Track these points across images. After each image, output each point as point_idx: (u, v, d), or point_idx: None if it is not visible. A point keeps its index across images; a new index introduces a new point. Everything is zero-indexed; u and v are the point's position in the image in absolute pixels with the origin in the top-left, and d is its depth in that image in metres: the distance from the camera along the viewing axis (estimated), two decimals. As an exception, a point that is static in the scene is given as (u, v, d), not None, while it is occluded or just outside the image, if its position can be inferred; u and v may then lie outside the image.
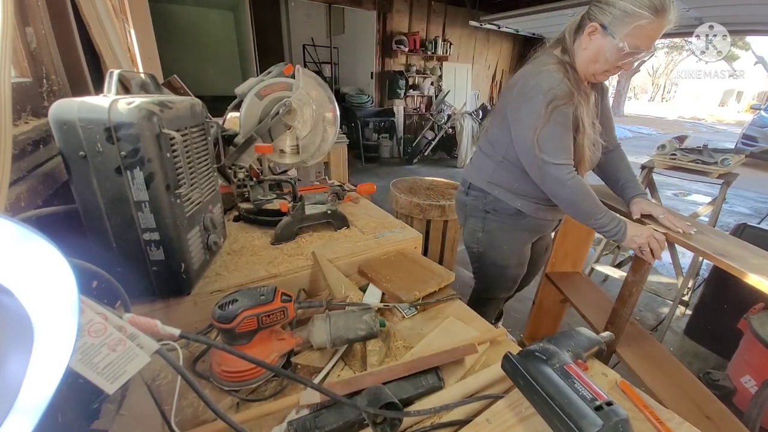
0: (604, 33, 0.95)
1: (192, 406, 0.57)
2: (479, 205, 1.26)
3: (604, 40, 0.95)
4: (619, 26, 0.92)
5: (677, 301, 2.07)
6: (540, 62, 1.06)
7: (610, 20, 0.93)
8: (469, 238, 1.35)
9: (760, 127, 6.93)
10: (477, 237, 1.31)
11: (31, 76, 0.79)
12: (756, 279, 0.85)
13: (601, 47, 0.97)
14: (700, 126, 14.69)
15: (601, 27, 0.95)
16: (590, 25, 0.97)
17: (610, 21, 0.93)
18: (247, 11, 5.50)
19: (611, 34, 0.93)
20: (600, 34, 0.96)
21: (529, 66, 1.09)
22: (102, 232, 0.62)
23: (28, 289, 0.25)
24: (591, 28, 0.97)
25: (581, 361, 0.56)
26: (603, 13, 0.95)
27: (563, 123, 1.01)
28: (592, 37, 0.98)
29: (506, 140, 1.13)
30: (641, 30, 0.90)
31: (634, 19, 0.90)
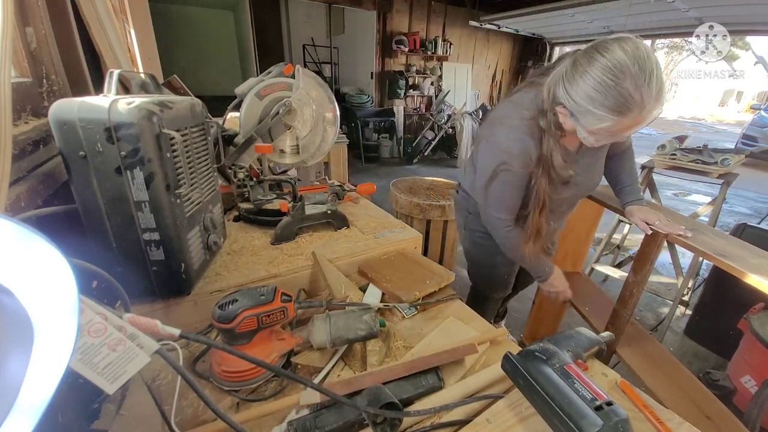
0: (572, 120, 0.83)
1: (192, 406, 0.57)
2: (464, 204, 1.30)
3: (576, 126, 0.84)
4: (585, 120, 0.80)
5: (677, 301, 2.07)
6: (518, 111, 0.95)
7: (574, 109, 0.80)
8: (458, 232, 1.41)
9: (760, 127, 6.92)
10: (462, 233, 1.36)
11: (31, 76, 0.79)
12: (756, 279, 0.85)
13: (575, 129, 0.85)
14: (700, 126, 14.69)
15: (568, 113, 0.83)
16: (559, 109, 0.84)
17: (575, 110, 0.80)
18: (247, 11, 5.50)
19: (579, 125, 0.82)
20: (569, 119, 0.84)
21: (509, 107, 0.99)
22: (102, 232, 0.62)
23: (28, 289, 0.25)
24: (561, 111, 0.84)
25: (581, 361, 0.56)
26: (566, 98, 0.81)
27: (510, 185, 0.98)
28: (564, 118, 0.85)
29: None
30: (609, 128, 0.78)
31: (596, 120, 0.78)
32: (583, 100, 0.77)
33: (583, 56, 0.78)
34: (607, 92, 0.73)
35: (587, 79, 0.75)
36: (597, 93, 0.74)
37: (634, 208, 1.16)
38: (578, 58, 0.79)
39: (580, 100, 0.78)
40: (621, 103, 0.73)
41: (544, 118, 0.89)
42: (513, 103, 0.99)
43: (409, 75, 6.39)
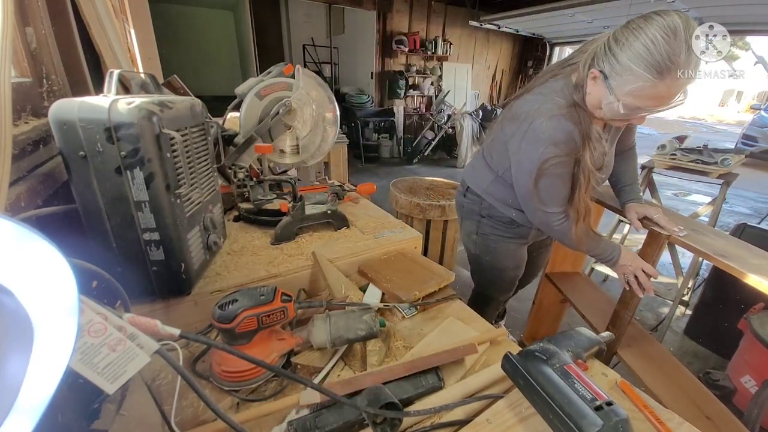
0: (604, 83, 0.83)
1: (192, 406, 0.57)
2: (475, 209, 1.26)
3: (603, 89, 0.84)
4: (618, 82, 0.80)
5: (677, 301, 2.07)
6: (552, 99, 0.93)
7: (609, 71, 0.81)
8: (465, 239, 1.36)
9: (760, 127, 6.93)
10: (472, 239, 1.31)
11: (31, 76, 0.79)
12: (756, 279, 0.84)
13: (601, 95, 0.86)
14: (700, 126, 14.69)
15: (602, 75, 0.83)
16: (592, 71, 0.85)
17: (610, 72, 0.81)
18: (247, 11, 5.50)
19: (609, 88, 0.82)
20: (601, 83, 0.84)
21: (539, 98, 0.95)
22: (102, 232, 0.62)
23: (28, 289, 0.25)
24: (593, 73, 0.85)
25: (581, 361, 0.56)
26: (606, 60, 0.82)
27: (561, 175, 0.96)
28: (594, 82, 0.86)
29: (505, 164, 1.08)
30: (641, 91, 0.78)
31: (633, 79, 0.78)
32: (628, 57, 0.77)
33: (640, 18, 0.79)
34: (656, 48, 0.74)
35: (640, 36, 0.76)
36: (645, 49, 0.75)
37: (632, 205, 1.17)
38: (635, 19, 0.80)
39: (625, 58, 0.78)
40: (664, 61, 0.74)
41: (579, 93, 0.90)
42: (542, 94, 0.96)
43: (409, 75, 6.40)
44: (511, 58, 7.74)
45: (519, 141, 0.97)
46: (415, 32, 6.15)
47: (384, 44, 6.10)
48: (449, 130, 6.27)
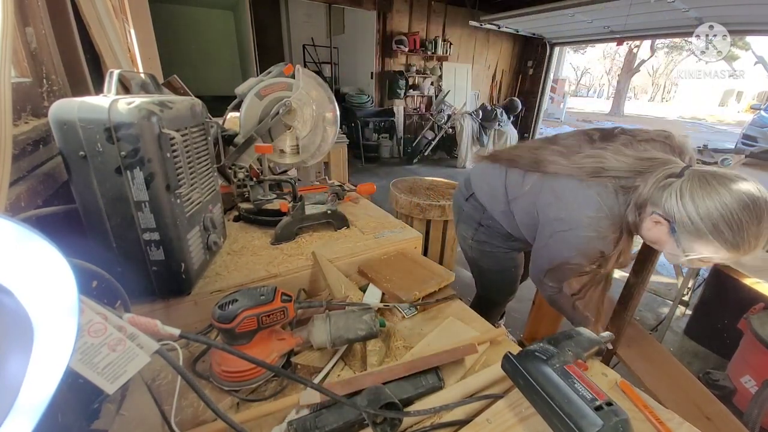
0: (671, 235, 0.76)
1: (192, 406, 0.57)
2: (475, 216, 1.24)
3: (668, 239, 0.78)
4: (687, 241, 0.74)
5: (677, 301, 2.07)
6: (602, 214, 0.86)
7: (678, 225, 0.74)
8: (461, 241, 1.35)
9: (760, 127, 6.93)
10: (468, 243, 1.31)
11: (31, 76, 0.79)
12: (756, 279, 0.84)
13: (663, 242, 0.80)
14: (700, 126, 14.69)
15: (669, 227, 0.76)
16: (655, 216, 0.78)
17: (680, 228, 0.74)
18: (247, 11, 5.50)
19: (677, 241, 0.76)
20: (664, 229, 0.77)
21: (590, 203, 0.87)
22: (102, 232, 0.62)
23: (28, 289, 0.25)
24: (656, 218, 0.78)
25: (581, 361, 0.56)
26: (676, 210, 0.73)
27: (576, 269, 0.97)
28: (655, 226, 0.79)
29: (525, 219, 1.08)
30: (711, 255, 0.73)
31: (704, 246, 0.72)
32: (704, 222, 0.70)
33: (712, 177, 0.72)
34: (734, 227, 0.68)
35: (716, 203, 0.69)
36: (723, 222, 0.69)
37: None
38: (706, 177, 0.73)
39: (698, 220, 0.71)
40: (737, 243, 0.69)
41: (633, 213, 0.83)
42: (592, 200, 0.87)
43: (409, 75, 6.39)
44: (511, 58, 7.74)
45: (552, 231, 0.95)
46: (415, 32, 6.15)
47: (384, 44, 6.10)
48: (449, 130, 6.27)
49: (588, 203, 0.88)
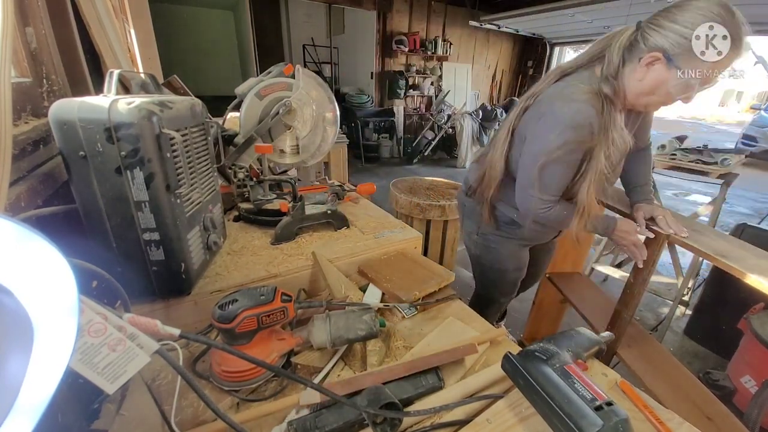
0: (667, 65, 0.80)
1: (192, 406, 0.57)
2: (478, 209, 1.24)
3: (667, 74, 0.81)
4: (687, 60, 0.77)
5: (677, 301, 2.07)
6: (574, 85, 0.92)
7: (674, 50, 0.78)
8: (466, 238, 1.36)
9: (760, 127, 6.93)
10: (473, 239, 1.31)
11: (31, 76, 0.79)
12: (756, 279, 0.85)
13: (662, 80, 0.82)
14: (700, 126, 14.69)
15: (664, 57, 0.80)
16: (650, 55, 0.82)
17: (675, 51, 0.78)
18: (247, 11, 5.50)
19: (677, 66, 0.79)
20: (662, 66, 0.81)
21: (561, 84, 0.95)
22: (102, 232, 0.62)
23: (28, 289, 0.25)
24: (651, 57, 0.81)
25: (581, 361, 0.56)
26: (665, 38, 0.79)
27: (569, 162, 0.94)
28: (652, 68, 0.83)
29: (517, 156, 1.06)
30: (715, 65, 0.77)
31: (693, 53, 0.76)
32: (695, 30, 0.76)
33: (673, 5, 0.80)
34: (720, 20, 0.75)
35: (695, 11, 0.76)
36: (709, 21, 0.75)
37: (641, 205, 1.15)
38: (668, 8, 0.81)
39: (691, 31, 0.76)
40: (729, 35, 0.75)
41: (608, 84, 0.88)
42: (565, 82, 0.95)
43: (409, 75, 6.40)
44: (511, 58, 7.74)
45: (535, 123, 0.96)
46: (415, 32, 6.15)
47: (384, 44, 6.10)
48: (449, 130, 6.27)
49: (562, 87, 0.94)
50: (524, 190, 1.02)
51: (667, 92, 0.84)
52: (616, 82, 0.88)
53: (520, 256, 1.30)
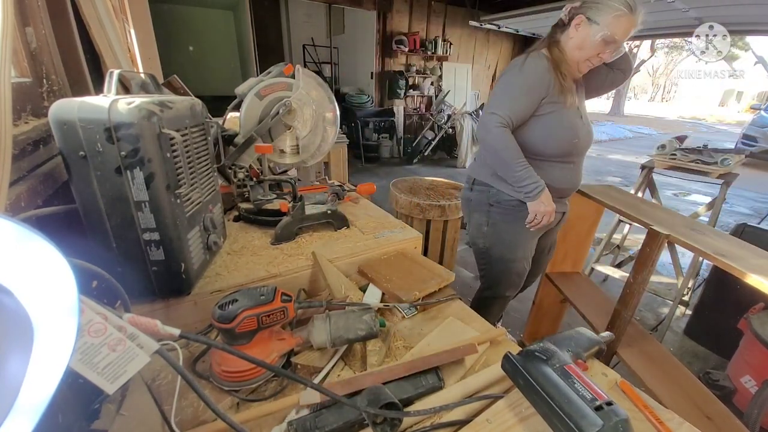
0: (588, 23, 1.12)
1: (192, 406, 0.57)
2: (483, 198, 1.30)
3: (588, 29, 1.12)
4: (601, 16, 1.10)
5: (677, 301, 2.07)
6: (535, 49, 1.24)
7: (593, 12, 1.11)
8: (475, 233, 1.39)
9: (760, 127, 6.93)
10: (483, 231, 1.34)
11: (31, 76, 0.79)
12: (756, 279, 0.85)
13: (586, 35, 1.13)
14: (700, 126, 14.69)
15: (586, 18, 1.12)
16: (577, 17, 1.14)
17: (593, 13, 1.11)
18: (247, 11, 5.50)
19: (595, 22, 1.10)
20: (585, 24, 1.13)
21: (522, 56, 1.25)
22: (102, 232, 0.62)
23: (28, 289, 0.25)
24: (578, 20, 1.14)
25: (581, 361, 0.56)
26: (588, 8, 1.12)
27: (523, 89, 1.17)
28: (578, 27, 1.14)
29: None
30: (618, 21, 1.08)
31: (612, 11, 1.08)
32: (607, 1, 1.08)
33: None
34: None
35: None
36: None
37: None
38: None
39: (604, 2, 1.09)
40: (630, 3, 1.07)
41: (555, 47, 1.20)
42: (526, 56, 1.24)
43: (409, 75, 6.40)
44: (511, 58, 7.73)
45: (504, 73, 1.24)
46: (415, 32, 6.15)
47: (384, 44, 6.10)
48: (449, 130, 6.27)
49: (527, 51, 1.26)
50: (486, 109, 1.23)
51: (590, 44, 1.13)
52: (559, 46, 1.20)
53: (527, 245, 1.33)
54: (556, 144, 1.21)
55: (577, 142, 1.23)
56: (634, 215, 1.20)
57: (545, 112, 1.19)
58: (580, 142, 1.25)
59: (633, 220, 1.21)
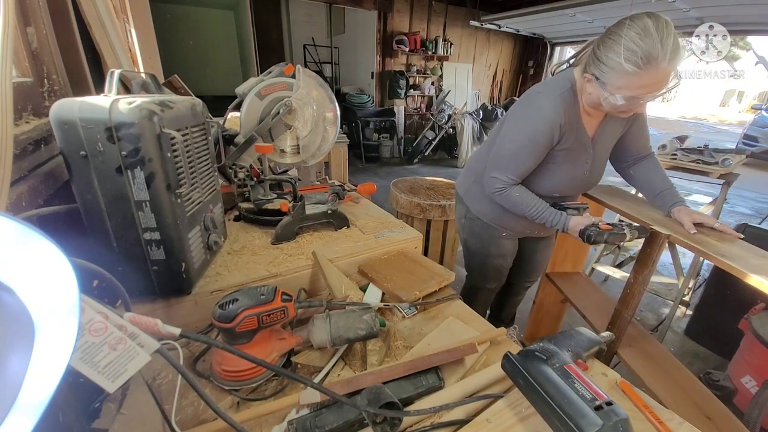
0: (599, 84, 0.94)
1: (192, 405, 0.57)
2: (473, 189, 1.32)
3: (600, 90, 0.95)
4: (610, 80, 0.91)
5: (678, 302, 2.06)
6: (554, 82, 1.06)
7: (600, 74, 0.92)
8: (457, 223, 1.46)
9: (761, 127, 6.91)
10: (461, 223, 1.40)
11: (32, 76, 0.79)
12: (756, 279, 0.84)
13: (599, 95, 0.96)
14: (701, 126, 14.66)
15: (594, 78, 0.94)
16: (585, 75, 0.97)
17: (601, 74, 0.92)
18: (248, 11, 5.50)
19: (603, 86, 0.93)
20: (596, 84, 0.95)
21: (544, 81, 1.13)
22: (103, 231, 0.62)
23: (29, 288, 0.25)
24: (587, 77, 0.97)
25: (581, 361, 0.56)
26: (596, 66, 0.93)
27: (530, 150, 1.06)
28: (589, 85, 0.98)
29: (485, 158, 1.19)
30: (632, 81, 0.88)
31: (620, 75, 0.88)
32: (610, 58, 0.89)
33: (614, 25, 0.91)
34: (631, 48, 0.85)
35: (617, 40, 0.88)
36: (623, 49, 0.86)
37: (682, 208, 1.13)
38: (611, 28, 0.92)
39: (607, 59, 0.90)
40: (641, 57, 0.84)
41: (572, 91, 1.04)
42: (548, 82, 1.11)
43: (410, 75, 6.39)
44: (512, 58, 7.73)
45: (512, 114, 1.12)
46: (415, 32, 6.15)
47: (384, 44, 6.09)
48: (450, 130, 6.26)
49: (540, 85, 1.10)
50: (489, 171, 1.15)
51: (609, 105, 0.96)
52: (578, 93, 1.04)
53: (501, 245, 1.35)
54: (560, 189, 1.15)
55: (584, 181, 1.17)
56: (635, 215, 1.20)
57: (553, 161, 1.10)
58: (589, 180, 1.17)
59: (633, 220, 1.21)
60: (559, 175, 1.12)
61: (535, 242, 1.44)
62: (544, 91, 1.06)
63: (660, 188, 1.19)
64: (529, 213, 1.11)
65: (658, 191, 1.19)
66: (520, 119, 1.09)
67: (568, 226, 1.08)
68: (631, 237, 1.01)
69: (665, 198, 1.17)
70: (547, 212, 1.10)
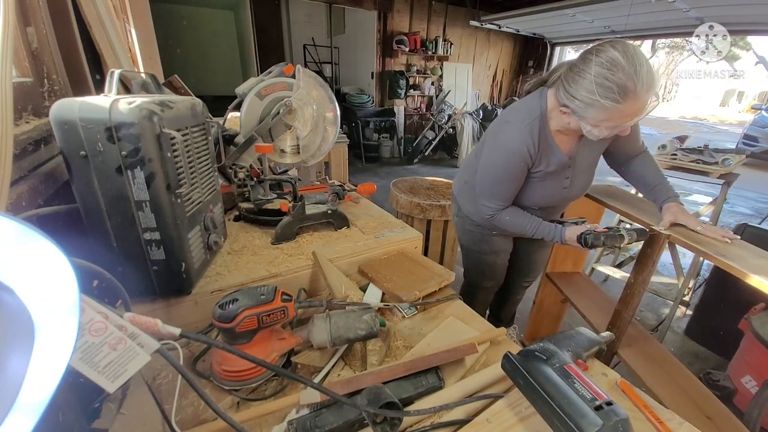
0: (578, 117, 0.91)
1: (192, 405, 0.57)
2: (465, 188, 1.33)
3: (581, 123, 0.92)
4: (589, 114, 0.88)
5: (678, 302, 2.06)
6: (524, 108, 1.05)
7: (577, 109, 0.89)
8: (453, 218, 1.46)
9: (761, 127, 6.91)
10: (455, 220, 1.41)
11: (33, 76, 0.79)
12: (756, 279, 0.84)
13: (580, 126, 0.93)
14: (701, 126, 14.66)
15: (573, 112, 0.91)
16: (561, 108, 0.94)
17: (578, 109, 0.89)
18: (248, 11, 5.50)
19: (583, 120, 0.90)
20: (575, 117, 0.92)
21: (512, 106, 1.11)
22: (103, 231, 0.62)
23: (29, 288, 0.25)
24: (564, 110, 0.94)
25: (581, 361, 0.56)
26: (569, 100, 0.90)
27: (508, 178, 1.07)
28: (567, 117, 0.95)
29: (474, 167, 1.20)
30: (613, 114, 0.85)
31: (599, 111, 0.86)
32: (585, 96, 0.86)
33: (579, 60, 0.88)
34: (605, 84, 0.82)
35: (586, 77, 0.85)
36: (596, 86, 0.83)
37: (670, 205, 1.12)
38: (575, 62, 0.89)
39: (582, 96, 0.87)
40: (618, 92, 0.82)
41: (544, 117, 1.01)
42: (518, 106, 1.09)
43: (410, 75, 6.39)
44: (512, 58, 7.73)
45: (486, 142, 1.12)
46: (415, 32, 6.15)
47: (384, 44, 6.09)
48: (450, 130, 6.26)
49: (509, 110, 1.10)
50: (478, 198, 1.17)
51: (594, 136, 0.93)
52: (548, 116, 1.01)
53: (493, 242, 1.35)
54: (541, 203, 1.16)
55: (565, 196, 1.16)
56: (635, 215, 1.20)
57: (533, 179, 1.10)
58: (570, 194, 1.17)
59: (633, 220, 1.21)
60: (539, 191, 1.12)
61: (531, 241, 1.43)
62: (512, 120, 1.04)
63: (653, 183, 1.19)
64: (524, 231, 1.14)
65: (651, 186, 1.20)
66: (492, 152, 1.09)
67: (565, 237, 1.08)
68: (629, 240, 1.00)
69: (657, 193, 1.18)
70: (542, 227, 1.12)
